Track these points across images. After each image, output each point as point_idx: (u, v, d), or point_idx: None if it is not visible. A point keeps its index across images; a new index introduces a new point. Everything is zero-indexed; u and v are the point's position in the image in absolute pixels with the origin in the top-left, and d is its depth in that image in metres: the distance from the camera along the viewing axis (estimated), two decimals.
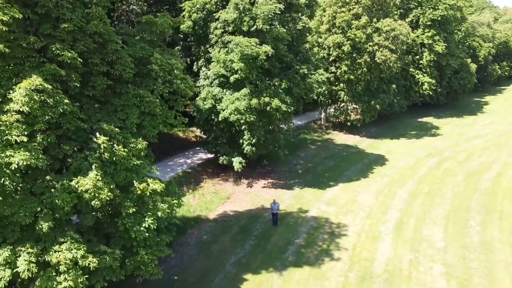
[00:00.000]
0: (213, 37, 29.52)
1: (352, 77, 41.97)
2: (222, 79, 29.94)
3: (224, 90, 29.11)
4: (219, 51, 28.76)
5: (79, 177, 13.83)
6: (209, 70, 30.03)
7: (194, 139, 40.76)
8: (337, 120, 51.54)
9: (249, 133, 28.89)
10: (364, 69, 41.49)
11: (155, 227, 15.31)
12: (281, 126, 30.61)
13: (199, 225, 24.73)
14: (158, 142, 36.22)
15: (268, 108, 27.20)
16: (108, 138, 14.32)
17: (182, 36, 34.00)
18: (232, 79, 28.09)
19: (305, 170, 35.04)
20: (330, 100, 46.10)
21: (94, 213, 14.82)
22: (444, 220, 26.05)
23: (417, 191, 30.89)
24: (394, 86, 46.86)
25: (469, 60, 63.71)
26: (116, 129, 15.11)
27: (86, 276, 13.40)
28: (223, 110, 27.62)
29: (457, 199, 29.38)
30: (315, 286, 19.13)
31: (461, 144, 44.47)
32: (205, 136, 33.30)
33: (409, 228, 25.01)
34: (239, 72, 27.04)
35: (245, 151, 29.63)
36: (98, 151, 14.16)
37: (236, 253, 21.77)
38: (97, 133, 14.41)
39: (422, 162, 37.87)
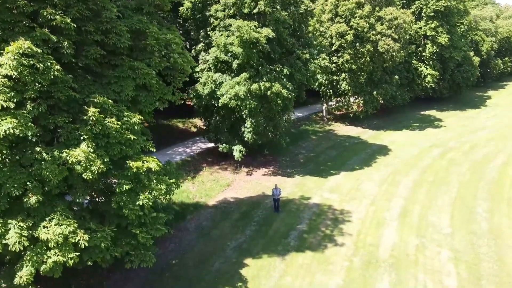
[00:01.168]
0: (213, 21, 28.79)
1: (354, 66, 41.23)
2: (222, 64, 29.27)
3: (224, 75, 28.38)
4: (220, 35, 28.04)
5: (70, 149, 13.10)
6: (208, 54, 29.31)
7: (194, 130, 40.04)
8: (339, 112, 50.88)
9: (250, 119, 28.16)
10: (367, 58, 40.76)
11: (151, 205, 14.56)
12: (282, 115, 29.75)
13: (198, 211, 23.99)
14: (156, 132, 35.49)
15: (268, 93, 26.47)
16: (99, 109, 13.59)
17: (181, 20, 33.28)
18: (234, 65, 27.42)
19: (306, 160, 34.31)
20: (331, 91, 45.35)
21: (86, 188, 14.08)
22: (450, 207, 25.31)
23: (421, 179, 30.15)
24: (396, 77, 46.13)
25: (472, 53, 62.96)
26: (110, 101, 14.37)
27: (77, 253, 12.63)
28: (223, 95, 26.86)
29: (463, 187, 28.65)
30: (318, 270, 18.40)
31: (465, 136, 43.73)
32: (205, 127, 32.63)
33: (414, 214, 24.27)
34: (239, 56, 26.34)
35: (245, 139, 28.91)
36: (89, 123, 13.42)
37: (237, 239, 21.04)
38: (91, 106, 13.70)
39: (426, 152, 37.13)
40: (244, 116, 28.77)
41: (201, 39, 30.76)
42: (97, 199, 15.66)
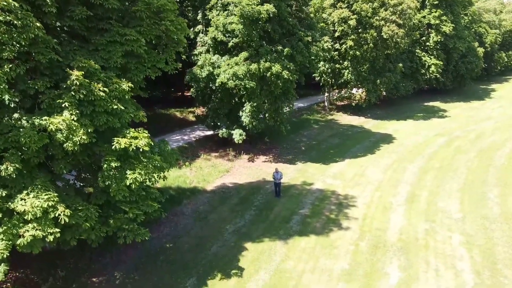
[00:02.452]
0: None
1: (358, 53, 40.01)
2: (220, 46, 28.12)
3: (223, 57, 27.22)
4: (218, 14, 26.87)
5: (52, 117, 11.94)
6: (206, 35, 28.14)
7: (193, 119, 38.87)
8: (340, 103, 49.77)
9: (249, 104, 27.00)
10: (371, 45, 39.56)
11: (140, 185, 13.40)
12: (283, 99, 28.51)
13: (195, 196, 22.84)
14: (153, 122, 34.27)
15: (268, 74, 25.30)
16: (83, 73, 12.44)
17: (177, 1, 32.05)
18: (231, 43, 26.28)
19: (308, 147, 33.15)
20: (333, 80, 44.16)
21: (69, 160, 12.93)
22: (459, 193, 24.15)
23: (428, 166, 29.00)
24: (400, 65, 44.98)
25: (476, 44, 61.70)
26: (96, 65, 13.22)
27: (58, 230, 11.46)
28: (221, 76, 25.67)
29: (472, 173, 27.49)
30: (323, 254, 17.24)
31: (470, 125, 42.60)
32: (203, 114, 31.51)
33: (422, 200, 23.12)
34: (239, 34, 25.18)
35: (244, 123, 27.73)
36: (72, 88, 12.26)
37: (236, 223, 19.89)
38: (74, 69, 12.54)
39: (431, 141, 36.01)
40: (243, 100, 27.64)
41: (199, 20, 29.57)
42: (83, 175, 14.52)
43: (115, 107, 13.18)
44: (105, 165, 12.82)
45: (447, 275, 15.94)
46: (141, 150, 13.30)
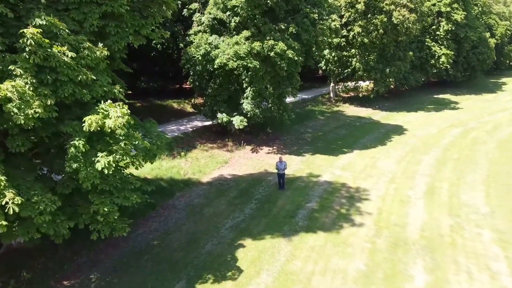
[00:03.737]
0: None
1: (366, 40, 37.53)
2: (219, 25, 25.78)
3: (221, 37, 24.87)
4: None
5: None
6: (203, 15, 25.78)
7: (191, 110, 36.54)
8: (346, 95, 47.35)
9: (251, 88, 24.65)
10: (381, 30, 37.06)
11: (116, 167, 11.05)
12: (288, 83, 26.07)
13: (190, 188, 20.49)
14: (148, 112, 31.97)
15: (272, 54, 22.91)
16: (41, 31, 10.09)
17: None
18: (232, 23, 23.94)
19: (314, 138, 30.74)
20: (340, 69, 41.71)
21: (29, 138, 10.59)
22: (483, 185, 21.69)
23: (445, 157, 26.55)
24: (411, 53, 42.44)
25: (487, 34, 59.06)
26: (62, 24, 10.87)
27: (5, 223, 9.09)
28: (219, 56, 23.32)
29: (494, 165, 25.02)
30: (334, 253, 14.84)
31: (485, 116, 40.11)
32: (199, 105, 29.22)
33: (443, 192, 20.69)
34: (240, 11, 22.82)
35: (245, 111, 25.38)
36: (27, 50, 9.92)
37: (234, 217, 17.52)
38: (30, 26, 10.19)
39: (446, 132, 33.55)
40: (244, 86, 25.27)
41: None
42: (46, 157, 12.19)
43: (84, 76, 10.83)
44: (71, 148, 10.48)
45: (482, 277, 13.52)
46: (117, 130, 10.90)
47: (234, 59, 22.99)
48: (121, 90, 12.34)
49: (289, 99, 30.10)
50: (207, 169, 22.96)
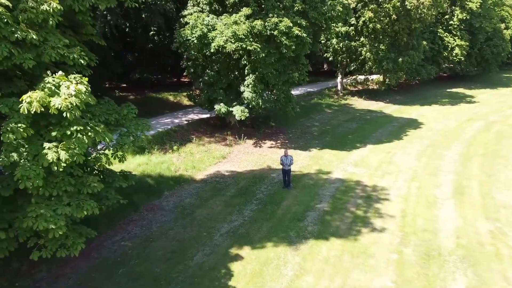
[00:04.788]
0: None
1: (378, 26, 34.59)
2: (216, 5, 23.01)
3: (219, 17, 22.09)
4: None
5: None
6: None
7: (187, 103, 33.84)
8: (354, 88, 44.50)
9: (252, 74, 21.89)
10: (393, 16, 34.15)
11: (72, 162, 8.32)
12: (294, 68, 23.23)
13: (180, 186, 17.74)
14: (142, 105, 29.23)
15: (275, 33, 20.12)
16: None
17: None
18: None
19: (321, 132, 27.93)
20: (348, 60, 38.83)
21: None
22: None
23: (469, 152, 23.69)
24: (425, 42, 39.53)
25: (502, 25, 55.97)
26: None
27: None
28: (217, 38, 20.56)
29: None
30: (354, 267, 12.04)
31: (505, 110, 37.19)
32: (195, 95, 26.45)
33: (474, 192, 17.85)
34: None
35: (246, 101, 22.62)
36: None
37: (231, 221, 14.73)
38: None
39: (465, 125, 30.69)
40: (244, 72, 22.50)
41: None
42: None
43: (25, 34, 8.08)
44: (7, 135, 7.75)
45: None
46: (67, 112, 8.13)
47: (233, 41, 20.24)
48: (84, 55, 9.56)
49: (293, 92, 27.34)
50: (202, 164, 20.20)
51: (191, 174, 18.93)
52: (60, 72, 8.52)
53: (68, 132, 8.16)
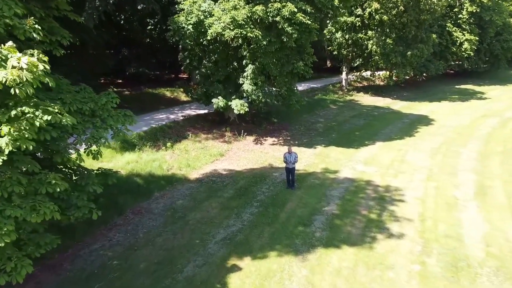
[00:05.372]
0: None
1: (385, 17, 32.81)
2: None
3: (216, 3, 20.38)
4: None
5: None
6: None
7: (185, 98, 32.20)
8: (360, 84, 42.75)
9: (252, 65, 20.19)
10: (401, 7, 32.36)
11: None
12: (298, 57, 21.47)
13: (173, 186, 16.02)
14: (137, 100, 27.63)
15: (278, 19, 18.41)
16: None
17: None
18: None
19: (327, 129, 26.18)
20: (353, 54, 37.05)
21: None
22: None
23: (487, 150, 21.92)
24: (434, 35, 37.67)
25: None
26: None
27: None
28: (214, 25, 18.86)
29: None
30: (371, 280, 10.30)
31: None
32: (191, 88, 24.77)
33: (498, 193, 16.08)
34: None
35: (245, 94, 20.93)
36: None
37: (228, 226, 13.00)
38: None
39: (479, 122, 28.91)
40: (244, 63, 20.79)
41: None
42: None
43: None
44: None
45: None
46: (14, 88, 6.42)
47: (231, 28, 18.52)
48: (38, 28, 7.85)
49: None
50: (198, 163, 18.48)
51: (185, 173, 17.21)
52: (9, 43, 6.82)
53: (14, 113, 6.45)
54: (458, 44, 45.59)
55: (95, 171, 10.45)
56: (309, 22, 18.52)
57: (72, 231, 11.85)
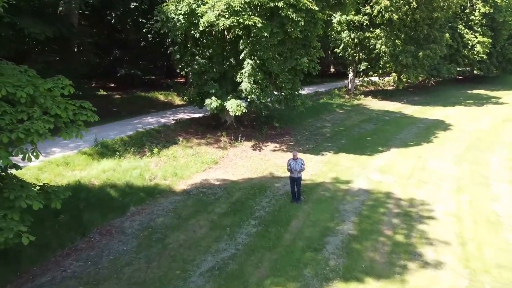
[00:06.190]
0: None
1: (395, 16, 30.39)
2: None
3: None
4: None
5: None
6: None
7: (180, 102, 29.77)
8: (367, 88, 40.22)
9: (251, 60, 17.66)
10: (413, 4, 29.93)
11: None
12: (301, 53, 18.89)
13: (155, 199, 13.32)
14: (126, 103, 25.10)
15: (280, 4, 15.88)
16: None
17: None
18: None
19: (334, 134, 23.52)
20: (360, 54, 34.56)
21: None
22: None
23: None
24: (447, 35, 35.22)
25: None
26: None
27: None
28: (207, 14, 16.36)
29: None
30: None
31: None
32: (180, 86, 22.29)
33: None
34: None
35: (243, 93, 18.36)
36: None
37: (218, 251, 10.27)
38: None
39: (501, 127, 26.35)
40: (241, 58, 18.24)
41: None
42: None
43: None
44: None
45: None
46: None
47: (227, 15, 16.01)
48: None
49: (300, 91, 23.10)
50: (187, 171, 15.80)
51: (171, 184, 14.52)
52: None
53: None
54: (469, 47, 43.18)
55: (36, 187, 7.80)
56: (316, 8, 15.98)
57: (17, 258, 9.17)
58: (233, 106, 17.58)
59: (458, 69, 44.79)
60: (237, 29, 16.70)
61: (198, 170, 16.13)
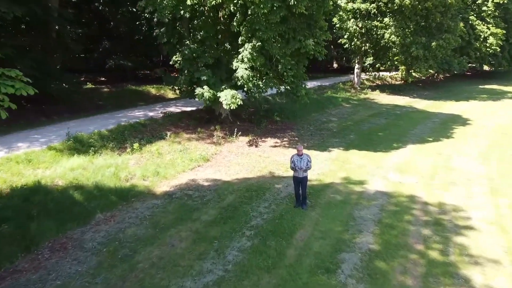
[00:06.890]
0: None
1: (407, 2, 27.99)
2: None
3: None
4: None
5: None
6: None
7: (173, 96, 27.53)
8: (373, 83, 37.86)
9: (250, 43, 15.30)
10: None
11: None
12: (306, 35, 16.48)
13: (128, 203, 10.93)
14: (114, 97, 22.73)
15: None
16: None
17: None
18: None
19: (342, 129, 21.17)
20: (367, 44, 32.16)
21: None
22: None
23: None
24: (462, 24, 32.79)
25: None
26: None
27: None
28: None
29: None
30: None
31: None
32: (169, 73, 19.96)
33: None
34: None
35: (239, 81, 15.99)
36: None
37: (201, 273, 7.87)
38: None
39: None
40: (239, 42, 15.86)
41: None
42: None
43: None
44: None
45: None
46: None
47: None
48: None
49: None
50: (172, 170, 13.42)
51: (150, 185, 12.13)
52: None
53: None
54: (481, 39, 40.82)
55: None
56: None
57: None
58: (228, 98, 15.21)
59: (472, 59, 42.47)
60: (231, 5, 14.33)
61: (185, 169, 13.75)
